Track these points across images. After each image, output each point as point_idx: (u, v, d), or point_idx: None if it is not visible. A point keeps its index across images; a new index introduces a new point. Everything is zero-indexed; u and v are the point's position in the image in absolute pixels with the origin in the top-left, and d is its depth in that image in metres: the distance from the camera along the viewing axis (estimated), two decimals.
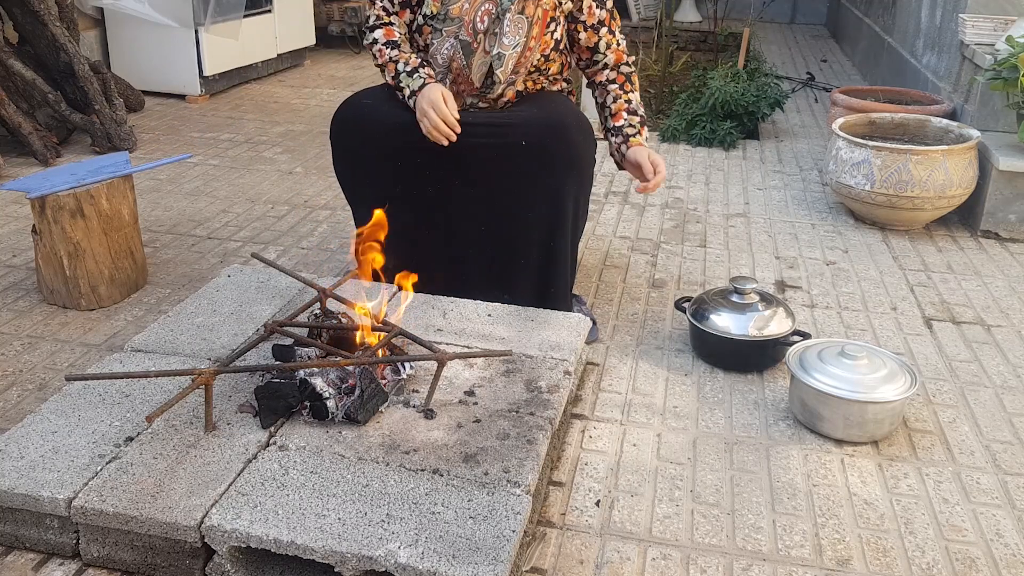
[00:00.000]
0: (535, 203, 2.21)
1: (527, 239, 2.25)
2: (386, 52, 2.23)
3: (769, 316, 2.24)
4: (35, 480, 1.52)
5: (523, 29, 2.19)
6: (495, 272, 2.29)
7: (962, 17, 3.65)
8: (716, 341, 2.25)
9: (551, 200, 2.21)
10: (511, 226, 2.24)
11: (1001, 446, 1.99)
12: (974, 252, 3.09)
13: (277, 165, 3.82)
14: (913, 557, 1.65)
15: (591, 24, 2.32)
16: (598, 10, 2.31)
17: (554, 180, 2.19)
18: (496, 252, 2.28)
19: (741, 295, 2.28)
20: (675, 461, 1.90)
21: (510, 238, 2.26)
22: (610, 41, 2.36)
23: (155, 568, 1.52)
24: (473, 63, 2.21)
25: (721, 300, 2.30)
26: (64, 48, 3.77)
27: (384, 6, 2.27)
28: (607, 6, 2.33)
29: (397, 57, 2.22)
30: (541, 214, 2.22)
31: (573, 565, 1.60)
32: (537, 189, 2.20)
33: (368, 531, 1.42)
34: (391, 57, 2.22)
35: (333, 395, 1.69)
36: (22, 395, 2.07)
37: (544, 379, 1.87)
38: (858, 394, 1.92)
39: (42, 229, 2.40)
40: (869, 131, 3.44)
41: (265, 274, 2.30)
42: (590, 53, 2.37)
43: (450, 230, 2.29)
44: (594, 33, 2.33)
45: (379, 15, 2.27)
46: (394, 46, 2.24)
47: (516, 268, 2.28)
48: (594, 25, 2.32)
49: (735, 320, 2.23)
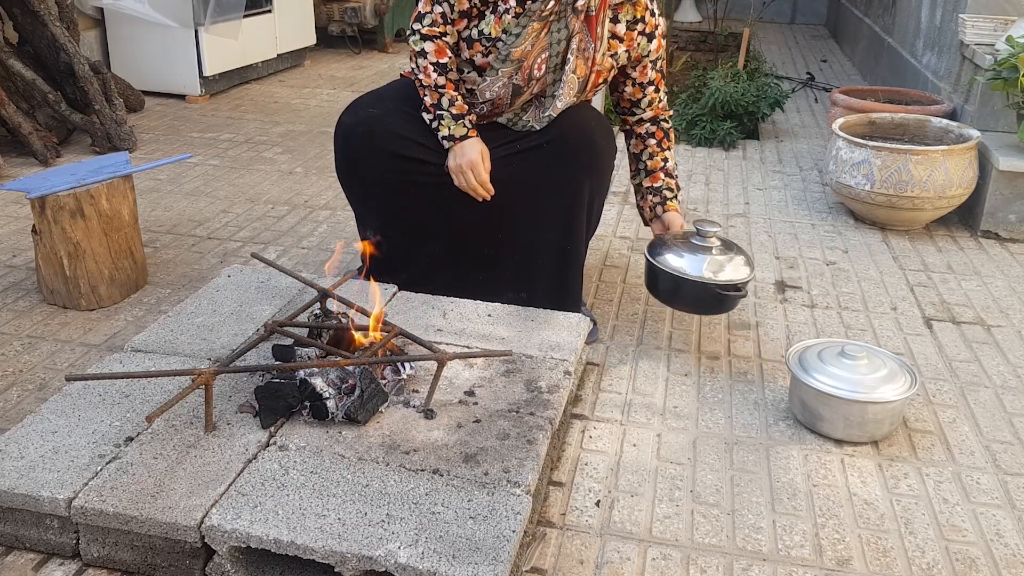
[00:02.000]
0: (553, 205, 2.20)
1: (544, 240, 2.24)
2: (432, 75, 2.13)
3: (724, 261, 2.20)
4: (35, 480, 1.52)
5: (574, 89, 2.18)
6: (512, 273, 2.28)
7: (962, 17, 3.65)
8: (667, 279, 2.22)
9: (569, 202, 2.21)
10: (528, 227, 2.23)
11: (1001, 446, 1.99)
12: (974, 252, 3.09)
13: (277, 165, 3.82)
14: (913, 557, 1.65)
15: (640, 82, 2.31)
16: (651, 71, 2.30)
17: (573, 182, 2.19)
18: (513, 254, 2.27)
19: (703, 238, 2.23)
20: (675, 461, 1.90)
21: (528, 239, 2.25)
22: (654, 99, 2.35)
23: (155, 568, 1.51)
24: (517, 101, 2.20)
25: (681, 241, 2.26)
26: (64, 48, 3.77)
27: (444, 12, 2.12)
28: (659, 67, 2.32)
29: (444, 88, 2.13)
30: (558, 216, 2.21)
31: (573, 565, 1.60)
32: (556, 190, 2.19)
33: (368, 531, 1.42)
34: (437, 84, 2.13)
35: (333, 395, 1.69)
36: (22, 395, 2.07)
37: (544, 379, 1.87)
38: (858, 394, 1.92)
39: (42, 229, 2.40)
40: (869, 131, 3.44)
41: (265, 274, 2.30)
42: (630, 105, 2.36)
43: (465, 232, 2.27)
44: (640, 90, 2.32)
45: (435, 21, 2.12)
46: (443, 71, 2.13)
47: (533, 269, 2.27)
48: (643, 84, 2.31)
49: (690, 261, 2.19)
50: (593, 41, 2.14)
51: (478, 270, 2.31)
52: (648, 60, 2.28)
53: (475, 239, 2.28)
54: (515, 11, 2.08)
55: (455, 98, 2.15)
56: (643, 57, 2.27)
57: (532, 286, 2.27)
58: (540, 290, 2.27)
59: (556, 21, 2.10)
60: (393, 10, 6.51)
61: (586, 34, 2.13)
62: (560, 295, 2.28)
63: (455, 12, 2.12)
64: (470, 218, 2.25)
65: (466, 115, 2.16)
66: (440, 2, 2.11)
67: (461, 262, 2.32)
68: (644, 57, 2.27)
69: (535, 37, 2.10)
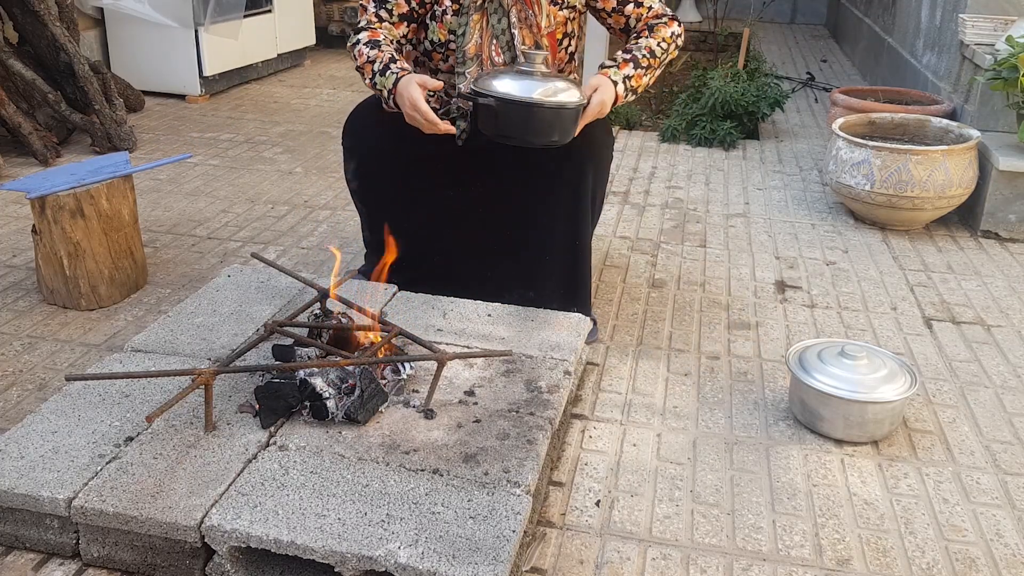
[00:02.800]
0: (557, 198, 2.20)
1: (551, 235, 2.24)
2: (365, 52, 2.09)
3: (555, 87, 2.00)
4: (35, 480, 1.52)
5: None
6: (521, 271, 2.28)
7: (962, 17, 3.65)
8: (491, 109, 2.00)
9: (572, 194, 2.20)
10: (535, 223, 2.23)
11: (1001, 446, 1.99)
12: (974, 252, 3.09)
13: (277, 165, 3.82)
14: (913, 557, 1.65)
15: (612, 8, 2.22)
16: None
17: (575, 173, 2.18)
18: (521, 251, 2.27)
19: (530, 63, 2.04)
20: (675, 461, 1.90)
21: (535, 236, 2.24)
22: (640, 14, 2.21)
23: (155, 568, 1.51)
24: None
25: (506, 70, 2.08)
26: (64, 48, 3.77)
27: (377, 12, 2.15)
28: None
29: (374, 57, 2.08)
30: (564, 209, 2.21)
31: (573, 565, 1.60)
32: (558, 183, 2.19)
33: (368, 531, 1.42)
34: (368, 58, 2.08)
35: (333, 395, 1.69)
36: (22, 395, 2.07)
37: (544, 379, 1.87)
38: (858, 394, 1.92)
39: (42, 229, 2.40)
40: (869, 131, 3.44)
41: (265, 274, 2.30)
42: (624, 34, 2.26)
43: (472, 231, 2.27)
44: (620, 15, 2.22)
45: (370, 20, 2.15)
46: (375, 45, 2.09)
47: (542, 266, 2.27)
48: (615, 8, 2.21)
49: (520, 86, 2.00)
50: (530, 7, 2.13)
51: (486, 269, 2.30)
52: None
53: (483, 238, 2.28)
54: (452, 9, 2.11)
55: (381, 57, 2.06)
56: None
57: (542, 284, 2.27)
58: (550, 288, 2.26)
59: (491, 2, 2.11)
60: None
61: (522, 3, 2.13)
62: (571, 291, 2.28)
63: (394, 16, 2.15)
64: (477, 216, 2.25)
65: (392, 62, 2.06)
66: (379, 6, 2.15)
67: (470, 261, 2.31)
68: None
69: (480, 28, 2.12)
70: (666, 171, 3.87)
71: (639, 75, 2.14)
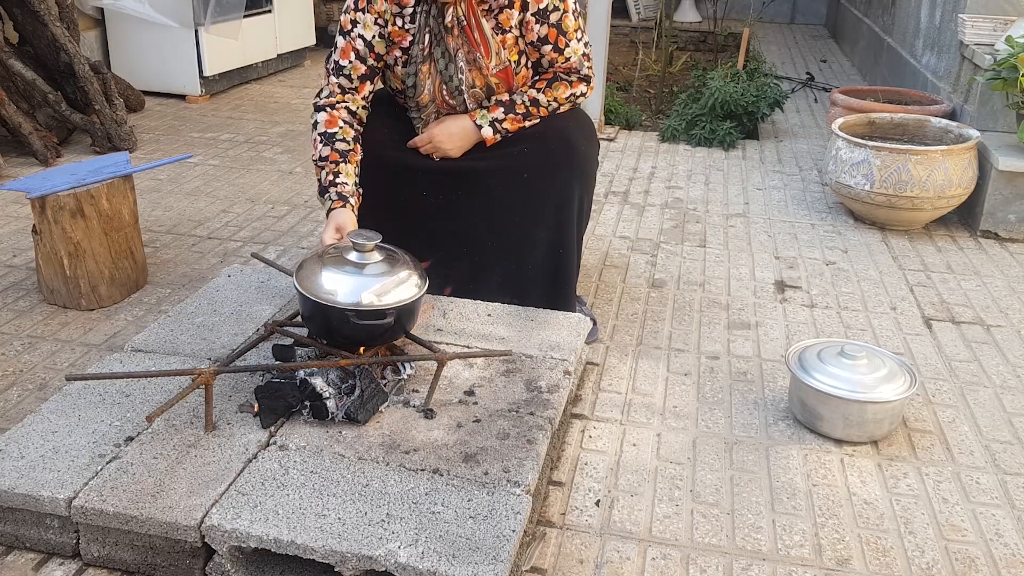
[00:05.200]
0: (542, 209, 2.19)
1: (535, 245, 2.23)
2: (319, 147, 2.07)
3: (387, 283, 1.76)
4: (35, 480, 1.52)
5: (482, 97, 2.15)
6: (505, 281, 2.26)
7: (962, 17, 3.65)
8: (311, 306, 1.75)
9: (557, 205, 2.20)
10: (518, 234, 2.22)
11: (1001, 446, 1.99)
12: (973, 252, 3.09)
13: (277, 165, 3.82)
14: (913, 557, 1.65)
15: (531, 41, 2.12)
16: (537, 26, 2.09)
17: (560, 186, 2.18)
18: (505, 261, 2.25)
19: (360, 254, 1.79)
20: (675, 461, 1.90)
21: (518, 246, 2.23)
22: (554, 59, 2.15)
23: (155, 568, 1.52)
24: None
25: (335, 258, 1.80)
26: (64, 48, 3.77)
27: (340, 83, 2.12)
28: (550, 20, 2.09)
29: (326, 160, 2.05)
30: (548, 220, 2.20)
31: (573, 565, 1.60)
32: (543, 196, 2.18)
33: (368, 531, 1.42)
34: (321, 156, 2.05)
35: (333, 395, 1.69)
36: (22, 395, 2.07)
37: (544, 379, 1.87)
38: (858, 394, 1.92)
39: (42, 229, 2.40)
40: (869, 131, 3.44)
41: (265, 274, 2.31)
42: (532, 71, 2.19)
43: (456, 241, 2.25)
44: (535, 51, 2.14)
45: (332, 91, 2.12)
46: (329, 140, 2.06)
47: (525, 274, 2.25)
48: (534, 43, 2.12)
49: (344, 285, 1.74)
50: (475, 48, 2.08)
51: (469, 279, 2.28)
52: (530, 16, 2.08)
53: (464, 247, 2.25)
54: (402, 60, 2.12)
55: (330, 175, 2.04)
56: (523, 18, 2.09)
57: (525, 291, 2.25)
58: (534, 295, 2.25)
59: (436, 46, 2.09)
60: None
61: (467, 45, 2.08)
62: (552, 297, 2.27)
63: (354, 81, 2.12)
64: (458, 224, 2.23)
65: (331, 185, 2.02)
66: (337, 74, 2.12)
67: (451, 270, 2.28)
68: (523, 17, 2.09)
69: (431, 75, 2.12)
70: (666, 171, 3.87)
71: (515, 119, 2.15)
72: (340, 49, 2.12)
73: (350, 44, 2.10)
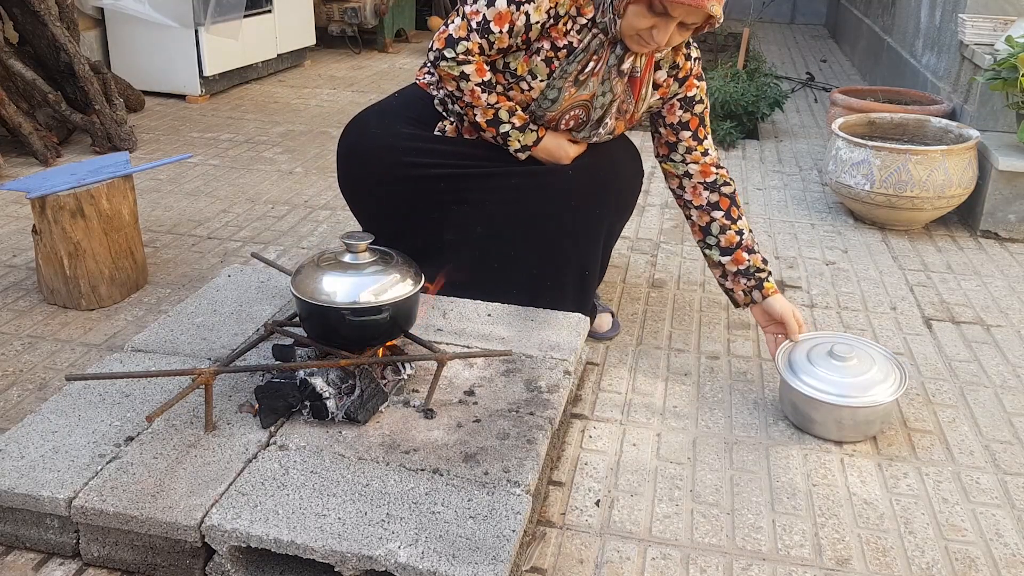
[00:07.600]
0: (574, 232, 2.16)
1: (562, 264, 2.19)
2: (482, 97, 2.02)
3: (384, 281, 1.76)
4: (35, 480, 1.52)
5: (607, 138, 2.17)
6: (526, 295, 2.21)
7: (962, 17, 3.65)
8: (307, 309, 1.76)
9: (589, 231, 2.18)
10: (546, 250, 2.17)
11: (1001, 446, 1.99)
12: (974, 252, 3.09)
13: (277, 165, 3.82)
14: (913, 557, 1.65)
15: (670, 123, 2.18)
16: (680, 111, 2.16)
17: (597, 209, 2.17)
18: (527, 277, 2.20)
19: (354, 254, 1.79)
20: (675, 461, 1.90)
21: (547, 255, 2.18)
22: (692, 146, 2.17)
23: (155, 568, 1.52)
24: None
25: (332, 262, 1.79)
26: (64, 48, 3.77)
27: (482, 45, 1.97)
28: (697, 113, 2.16)
29: (497, 104, 2.04)
30: (578, 243, 2.17)
31: (573, 565, 1.60)
32: (578, 216, 2.15)
33: (368, 531, 1.42)
34: (488, 103, 2.03)
35: (333, 395, 1.69)
36: (22, 395, 2.07)
37: (544, 379, 1.87)
38: (848, 399, 1.91)
39: (42, 229, 2.40)
40: (869, 131, 3.44)
41: (265, 274, 2.31)
42: (668, 151, 2.21)
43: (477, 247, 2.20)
44: (672, 132, 2.18)
45: (470, 51, 1.97)
46: (489, 89, 2.03)
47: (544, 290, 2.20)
48: (673, 125, 2.17)
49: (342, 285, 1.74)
50: (636, 102, 2.09)
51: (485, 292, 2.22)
52: (676, 100, 2.16)
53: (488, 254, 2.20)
54: (547, 54, 2.01)
55: (513, 108, 2.05)
56: (672, 97, 2.16)
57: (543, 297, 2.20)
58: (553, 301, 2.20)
59: (601, 84, 2.04)
60: (393, 10, 6.51)
61: (628, 95, 2.08)
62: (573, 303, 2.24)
63: (492, 49, 1.99)
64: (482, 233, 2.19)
65: (529, 122, 2.08)
66: (482, 34, 1.96)
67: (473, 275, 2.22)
68: (672, 97, 2.16)
69: (574, 104, 2.06)
70: None
71: (751, 241, 2.19)
72: (498, 13, 1.94)
73: (511, 14, 1.94)
